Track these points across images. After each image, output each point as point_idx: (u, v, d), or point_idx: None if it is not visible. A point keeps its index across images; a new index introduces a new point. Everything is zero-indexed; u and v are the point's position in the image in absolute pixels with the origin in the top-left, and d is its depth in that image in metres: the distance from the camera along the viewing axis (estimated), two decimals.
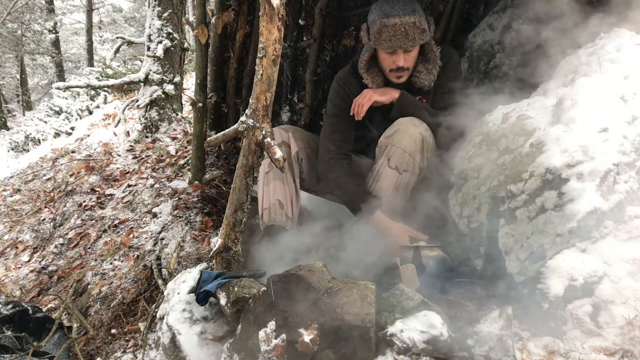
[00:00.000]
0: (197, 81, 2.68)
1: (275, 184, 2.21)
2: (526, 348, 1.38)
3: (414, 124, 2.07)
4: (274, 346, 1.34)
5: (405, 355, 1.35)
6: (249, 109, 1.81)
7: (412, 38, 2.00)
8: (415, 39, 2.01)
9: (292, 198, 2.24)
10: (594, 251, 1.47)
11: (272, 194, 2.20)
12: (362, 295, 1.43)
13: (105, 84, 5.53)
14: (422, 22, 2.01)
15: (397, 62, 2.08)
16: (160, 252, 2.40)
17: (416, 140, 2.04)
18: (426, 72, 2.16)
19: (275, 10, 1.66)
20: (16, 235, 3.40)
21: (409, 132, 2.05)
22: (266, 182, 2.24)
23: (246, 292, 1.58)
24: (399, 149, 2.04)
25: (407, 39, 2.00)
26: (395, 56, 2.07)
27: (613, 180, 1.49)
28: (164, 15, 4.45)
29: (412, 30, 1.98)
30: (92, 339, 2.11)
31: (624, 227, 1.49)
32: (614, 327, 1.34)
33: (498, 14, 2.92)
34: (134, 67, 9.43)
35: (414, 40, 2.01)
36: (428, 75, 2.16)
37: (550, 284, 1.44)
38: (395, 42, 2.00)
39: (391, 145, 2.06)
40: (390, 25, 1.98)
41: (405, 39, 1.99)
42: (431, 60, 2.16)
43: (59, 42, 14.67)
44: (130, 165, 3.88)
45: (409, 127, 2.06)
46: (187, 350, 1.64)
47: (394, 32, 1.98)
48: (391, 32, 1.98)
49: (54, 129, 7.28)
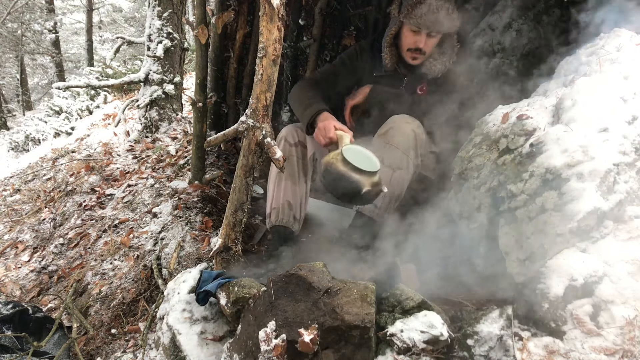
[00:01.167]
0: (197, 81, 2.67)
1: (287, 184, 2.20)
2: (526, 348, 1.38)
3: (407, 121, 2.07)
4: (274, 346, 1.34)
5: (405, 355, 1.35)
6: (249, 109, 1.81)
7: (441, 22, 2.03)
8: (443, 24, 2.04)
9: (301, 199, 2.24)
10: (594, 251, 1.47)
11: (283, 194, 2.20)
12: (362, 295, 1.43)
13: (105, 84, 5.53)
14: (455, 11, 2.05)
15: (418, 43, 2.10)
16: (160, 252, 2.40)
17: (409, 138, 2.04)
18: (440, 62, 2.19)
19: (275, 10, 1.66)
20: (16, 235, 3.40)
21: (401, 129, 2.05)
22: (278, 181, 2.23)
23: (246, 292, 1.58)
24: (391, 147, 2.04)
25: (437, 21, 2.03)
26: (418, 36, 2.09)
27: (613, 180, 1.49)
28: (164, 15, 4.44)
29: (445, 14, 2.02)
30: (92, 338, 2.11)
31: (624, 227, 1.49)
32: (614, 327, 1.34)
33: (498, 14, 2.92)
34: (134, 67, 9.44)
35: (443, 25, 2.04)
36: (441, 66, 2.19)
37: (550, 284, 1.44)
38: (426, 20, 2.03)
39: (385, 143, 2.07)
40: (425, 3, 2.01)
41: (436, 20, 2.02)
42: (447, 54, 2.19)
43: (59, 42, 14.67)
44: (130, 165, 3.88)
45: (401, 124, 2.06)
46: (187, 350, 1.64)
47: (428, 9, 2.01)
48: (425, 9, 2.01)
49: (54, 129, 7.28)
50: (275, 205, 2.20)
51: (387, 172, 2.08)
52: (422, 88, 2.24)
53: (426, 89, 2.25)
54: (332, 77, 2.33)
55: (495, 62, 2.90)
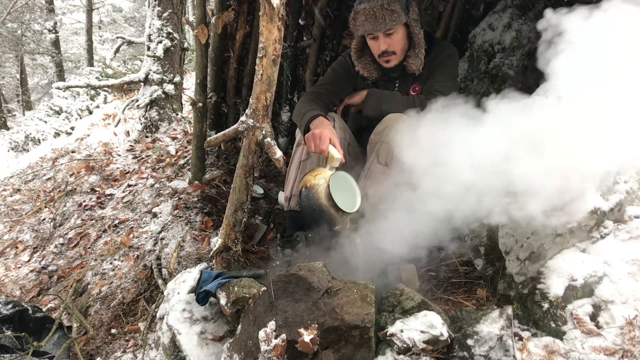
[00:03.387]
0: (197, 81, 2.67)
1: None
2: (526, 348, 1.38)
3: (402, 120, 2.08)
4: (274, 346, 1.34)
5: (405, 355, 1.35)
6: (249, 109, 1.81)
7: (382, 20, 2.06)
8: (385, 21, 2.06)
9: None
10: (594, 251, 1.47)
11: None
12: (362, 295, 1.43)
13: (105, 84, 5.52)
14: (392, 4, 2.06)
15: (380, 47, 2.16)
16: (160, 252, 2.40)
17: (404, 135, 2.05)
18: (414, 56, 2.21)
19: (275, 10, 1.66)
20: (16, 235, 3.40)
21: (397, 127, 2.05)
22: (302, 169, 2.24)
23: (246, 292, 1.58)
24: (387, 145, 2.05)
25: (376, 22, 2.06)
26: (378, 41, 2.15)
27: (613, 180, 1.49)
28: (164, 15, 4.44)
29: (381, 12, 2.05)
30: (92, 338, 2.11)
31: (624, 227, 1.50)
32: (614, 327, 1.34)
33: (498, 14, 2.93)
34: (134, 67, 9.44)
35: (385, 22, 2.07)
36: (415, 59, 2.21)
37: (550, 284, 1.44)
38: (367, 25, 2.09)
39: (380, 142, 2.08)
40: (360, 10, 2.08)
41: (375, 21, 2.06)
42: (416, 44, 2.20)
43: (59, 42, 14.67)
44: (130, 165, 3.88)
45: (397, 122, 2.07)
46: (187, 350, 1.64)
47: (365, 16, 2.07)
48: (362, 17, 2.08)
49: (54, 129, 7.29)
50: (295, 192, 2.23)
51: (383, 170, 2.08)
52: (414, 88, 2.26)
53: (419, 88, 2.26)
54: (332, 86, 2.35)
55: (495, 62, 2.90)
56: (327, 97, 2.30)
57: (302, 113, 2.15)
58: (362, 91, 2.29)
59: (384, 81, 2.33)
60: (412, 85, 2.28)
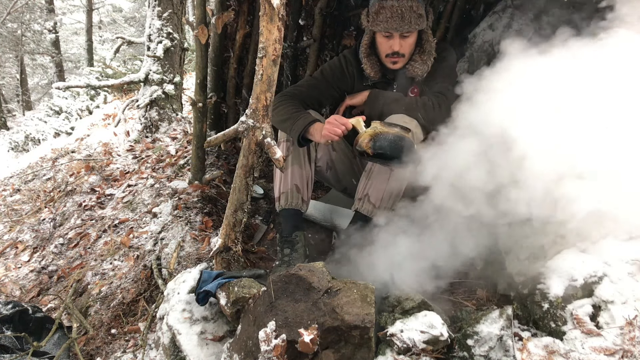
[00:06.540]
0: (197, 81, 2.67)
1: (294, 168, 2.23)
2: (526, 348, 1.38)
3: (404, 120, 2.07)
4: (274, 346, 1.34)
5: (406, 355, 1.35)
6: (249, 109, 1.81)
7: (408, 21, 2.03)
8: (411, 23, 2.04)
9: (307, 181, 2.27)
10: (594, 251, 1.47)
11: (290, 179, 2.23)
12: (362, 295, 1.43)
13: (105, 84, 5.52)
14: (420, 8, 2.04)
15: (393, 47, 2.12)
16: (160, 252, 2.40)
17: None
18: (421, 62, 2.19)
19: (275, 10, 1.66)
20: (16, 235, 3.40)
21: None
22: (284, 167, 2.24)
23: (246, 292, 1.58)
24: None
25: (403, 22, 2.03)
26: (391, 40, 2.11)
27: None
28: (164, 15, 4.44)
29: (409, 13, 2.02)
30: (92, 339, 2.11)
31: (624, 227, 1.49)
32: (614, 327, 1.34)
33: (498, 14, 2.93)
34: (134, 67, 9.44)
35: (410, 24, 2.04)
36: (422, 65, 2.19)
37: (550, 284, 1.45)
38: (392, 23, 2.04)
39: None
40: (387, 7, 2.02)
41: (402, 21, 2.03)
42: (427, 51, 2.19)
43: (59, 42, 14.66)
44: (130, 165, 3.88)
45: (399, 122, 2.06)
46: (187, 350, 1.64)
47: (391, 13, 2.02)
48: (388, 14, 2.03)
49: (54, 129, 7.29)
50: (283, 190, 2.24)
51: (385, 172, 2.08)
52: (413, 90, 2.26)
53: (417, 91, 2.26)
54: (312, 90, 2.33)
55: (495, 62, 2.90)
56: (305, 99, 2.28)
57: (292, 117, 2.12)
58: (364, 92, 2.28)
59: (382, 82, 2.32)
60: (410, 87, 2.28)
